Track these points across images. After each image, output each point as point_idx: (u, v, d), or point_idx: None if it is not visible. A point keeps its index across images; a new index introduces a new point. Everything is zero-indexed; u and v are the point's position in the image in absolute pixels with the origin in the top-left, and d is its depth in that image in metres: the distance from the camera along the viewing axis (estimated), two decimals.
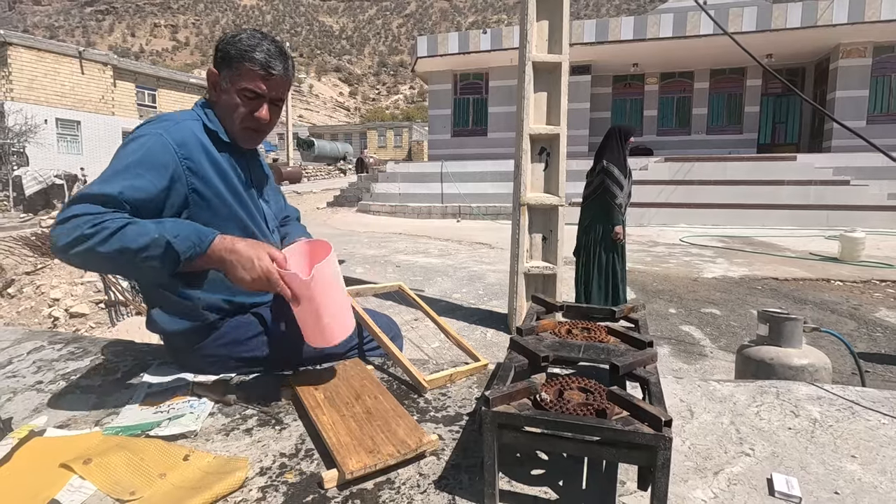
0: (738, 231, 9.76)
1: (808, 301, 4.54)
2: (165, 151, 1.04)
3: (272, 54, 1.12)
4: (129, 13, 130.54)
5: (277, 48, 1.14)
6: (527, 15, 3.39)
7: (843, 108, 12.91)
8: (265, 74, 1.12)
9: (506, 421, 0.73)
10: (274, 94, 1.15)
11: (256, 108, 1.14)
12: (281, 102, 1.18)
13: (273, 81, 1.13)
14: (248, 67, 1.11)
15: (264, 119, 1.15)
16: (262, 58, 1.11)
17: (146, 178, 1.00)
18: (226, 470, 0.81)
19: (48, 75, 22.43)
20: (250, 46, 1.11)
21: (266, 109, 1.15)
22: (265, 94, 1.13)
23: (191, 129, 1.11)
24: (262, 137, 1.20)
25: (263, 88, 1.13)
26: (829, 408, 1.06)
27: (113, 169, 1.00)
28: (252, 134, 1.17)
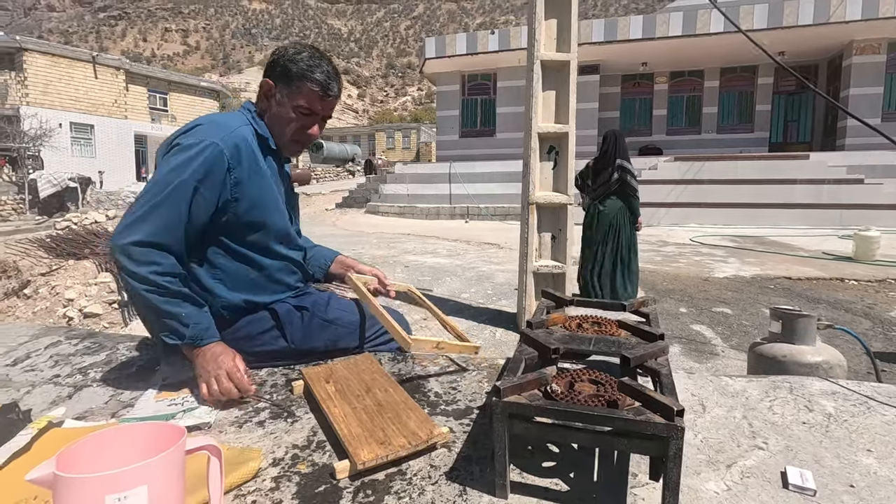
0: (750, 231, 9.66)
1: (821, 300, 4.48)
2: (220, 165, 1.10)
3: (330, 76, 1.20)
4: (141, 18, 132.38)
5: (334, 69, 1.21)
6: (535, 13, 3.39)
7: (858, 105, 12.74)
8: (323, 95, 1.19)
9: (516, 411, 0.73)
10: (326, 112, 1.23)
11: (309, 124, 1.22)
12: (328, 118, 1.26)
13: (328, 102, 1.21)
14: (308, 87, 1.17)
15: (315, 135, 1.25)
16: (322, 79, 1.18)
17: (206, 195, 1.09)
18: (240, 460, 0.82)
19: (62, 80, 22.80)
20: (311, 67, 1.17)
21: (317, 126, 1.24)
22: (319, 112, 1.21)
23: (244, 136, 1.15)
24: (304, 148, 1.28)
25: (319, 108, 1.21)
26: (844, 403, 1.05)
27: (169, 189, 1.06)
28: (299, 146, 1.25)
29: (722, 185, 11.19)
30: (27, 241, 9.37)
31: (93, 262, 7.08)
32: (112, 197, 19.57)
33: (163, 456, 0.54)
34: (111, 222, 12.99)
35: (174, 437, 0.59)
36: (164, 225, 1.05)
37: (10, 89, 21.38)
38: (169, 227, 1.05)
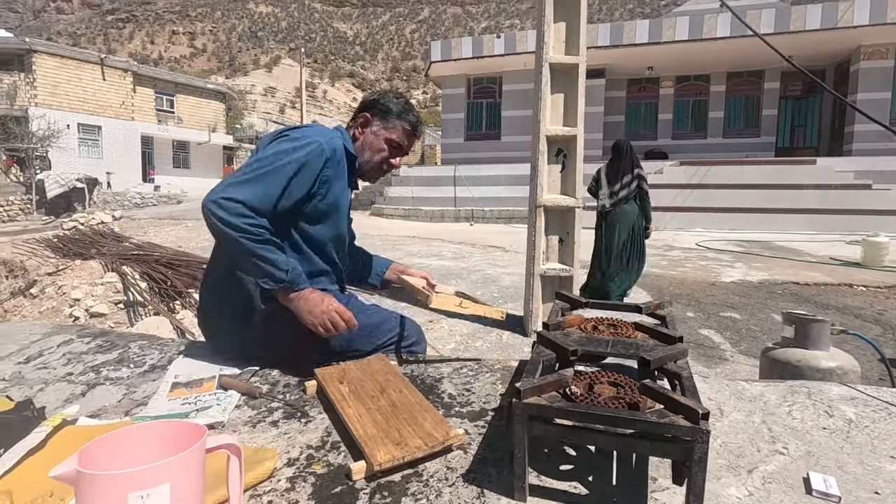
0: (757, 235, 9.61)
1: (830, 306, 4.44)
2: (318, 161, 1.25)
3: (418, 119, 1.47)
4: (149, 21, 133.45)
5: (417, 117, 1.47)
6: (544, 16, 3.39)
7: (865, 110, 12.63)
8: (412, 133, 1.44)
9: (537, 412, 0.72)
10: (409, 149, 1.48)
11: (395, 156, 1.45)
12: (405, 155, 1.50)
13: (413, 141, 1.47)
14: (403, 126, 1.42)
15: (397, 166, 1.49)
16: (414, 121, 1.45)
17: (300, 182, 1.22)
18: (255, 460, 0.81)
19: (71, 81, 22.99)
20: (406, 110, 1.43)
21: (398, 157, 1.46)
22: (405, 147, 1.45)
23: (339, 146, 1.34)
24: (381, 176, 1.51)
25: (406, 143, 1.45)
26: (865, 408, 1.03)
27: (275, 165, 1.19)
28: (379, 173, 1.47)
29: (728, 190, 11.14)
30: (34, 240, 9.44)
31: (99, 262, 7.12)
32: (118, 197, 19.69)
33: (185, 454, 0.53)
34: (118, 223, 13.05)
35: (195, 436, 0.58)
36: (262, 193, 1.16)
37: (19, 90, 21.57)
38: (265, 197, 1.17)
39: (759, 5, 13.79)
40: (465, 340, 3.58)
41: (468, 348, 3.48)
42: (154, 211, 17.12)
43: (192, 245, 8.70)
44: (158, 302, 5.36)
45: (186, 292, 5.30)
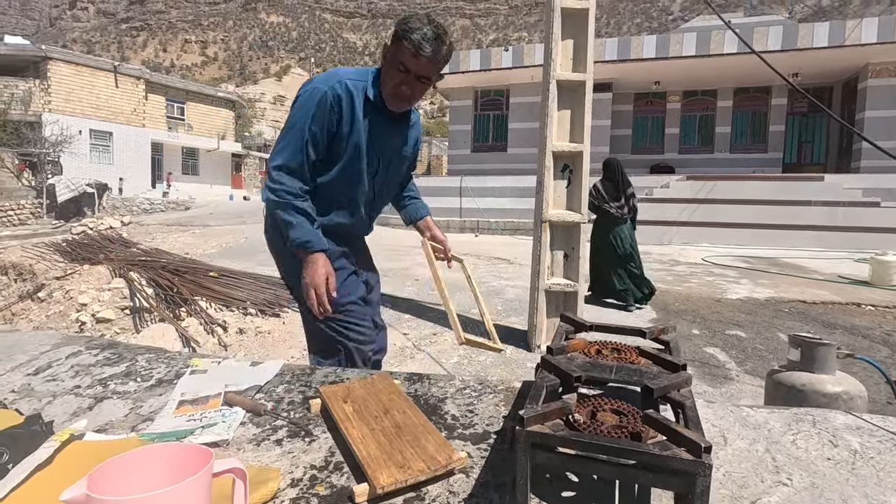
0: (763, 252, 9.55)
1: (837, 325, 4.40)
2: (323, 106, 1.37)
3: (425, 37, 1.32)
4: (162, 29, 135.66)
5: (434, 33, 1.33)
6: (552, 33, 3.43)
7: (873, 128, 12.64)
8: (415, 53, 1.32)
9: (540, 441, 0.72)
10: (420, 71, 1.35)
11: (403, 80, 1.36)
12: (428, 80, 1.39)
13: (421, 62, 1.33)
14: (405, 46, 1.32)
15: (408, 94, 1.39)
16: (416, 39, 1.31)
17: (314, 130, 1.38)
18: (259, 480, 0.82)
19: (84, 88, 23.35)
20: (411, 28, 1.32)
21: (409, 84, 1.37)
22: (412, 70, 1.34)
23: (349, 88, 1.38)
24: (406, 104, 1.43)
25: (412, 66, 1.34)
26: (870, 439, 1.03)
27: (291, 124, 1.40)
28: (397, 101, 1.41)
29: (735, 205, 11.10)
30: (43, 244, 9.54)
31: (107, 267, 7.18)
32: (127, 203, 19.89)
33: (193, 479, 0.54)
34: (126, 228, 13.17)
35: (202, 460, 0.59)
36: (291, 152, 1.38)
37: (33, 96, 21.93)
38: (294, 154, 1.38)
39: (767, 23, 13.86)
40: (468, 354, 3.57)
41: (472, 362, 3.47)
42: (162, 217, 17.27)
43: (199, 252, 8.76)
44: (164, 309, 5.39)
45: (192, 299, 5.33)
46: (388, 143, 1.50)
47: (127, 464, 0.59)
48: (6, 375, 1.29)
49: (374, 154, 1.48)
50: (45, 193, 17.58)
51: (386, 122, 1.46)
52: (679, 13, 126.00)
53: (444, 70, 1.44)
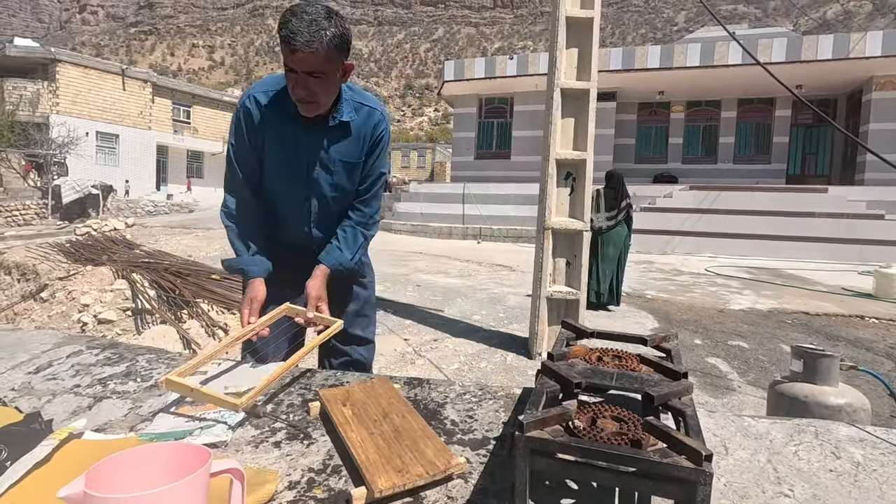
0: (766, 262, 9.53)
1: (841, 338, 4.38)
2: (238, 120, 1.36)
3: (294, 29, 1.16)
4: (170, 34, 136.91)
5: (307, 21, 1.16)
6: (556, 42, 3.45)
7: (878, 140, 12.64)
8: (290, 50, 1.18)
9: (539, 447, 0.72)
10: (302, 67, 1.20)
11: (295, 82, 1.23)
12: (321, 75, 1.22)
13: (298, 56, 1.18)
14: (282, 43, 1.20)
15: (300, 93, 1.24)
16: (286, 34, 1.17)
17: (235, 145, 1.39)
18: (256, 482, 0.82)
19: (92, 91, 23.56)
20: (281, 24, 1.19)
21: (302, 84, 1.22)
22: (296, 68, 1.20)
23: (257, 97, 1.34)
24: (313, 108, 1.29)
25: (293, 63, 1.20)
26: (873, 451, 1.02)
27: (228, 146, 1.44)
28: (300, 105, 1.28)
29: (738, 216, 11.10)
30: (47, 245, 9.58)
31: (110, 268, 7.20)
32: (132, 205, 19.99)
33: (190, 479, 0.54)
34: (130, 230, 13.23)
35: (200, 459, 0.59)
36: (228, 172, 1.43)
37: (41, 98, 22.13)
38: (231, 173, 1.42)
39: (771, 34, 13.92)
40: (469, 361, 3.56)
41: (472, 368, 3.46)
42: (166, 219, 17.35)
43: (202, 255, 8.79)
44: (166, 311, 5.40)
45: (194, 302, 5.34)
46: (311, 151, 1.39)
47: (124, 462, 0.59)
48: (7, 373, 1.29)
49: (298, 164, 1.40)
50: (50, 194, 17.69)
51: (305, 129, 1.35)
52: (684, 24, 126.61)
53: (344, 58, 1.26)
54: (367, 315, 1.72)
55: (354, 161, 1.43)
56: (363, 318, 1.69)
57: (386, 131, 1.47)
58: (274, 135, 1.36)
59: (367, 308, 1.71)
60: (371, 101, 1.44)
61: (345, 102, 1.37)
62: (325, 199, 1.46)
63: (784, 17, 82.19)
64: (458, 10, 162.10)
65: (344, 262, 1.46)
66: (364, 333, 1.70)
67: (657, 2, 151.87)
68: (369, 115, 1.42)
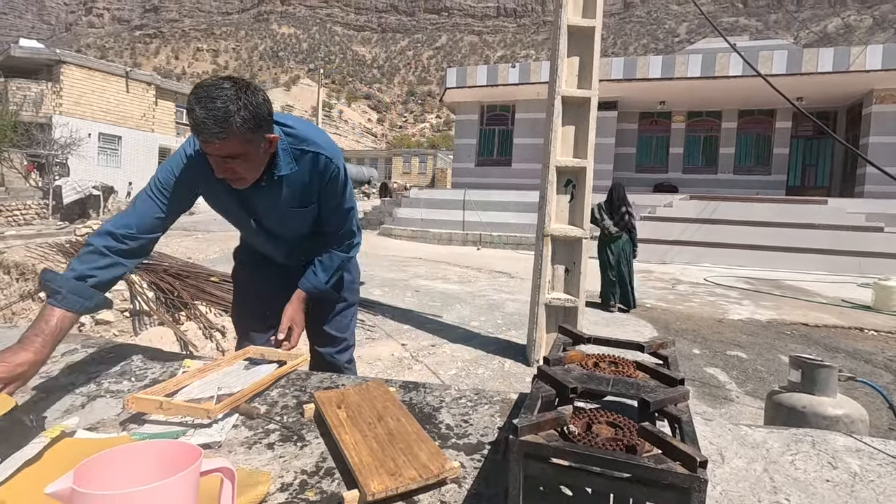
0: (765, 273, 9.52)
1: (840, 349, 4.37)
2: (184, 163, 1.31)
3: (199, 120, 1.08)
4: (175, 37, 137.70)
5: (212, 110, 1.07)
6: (558, 51, 3.47)
7: (878, 153, 12.68)
8: (201, 139, 1.12)
9: (533, 451, 0.71)
10: (219, 153, 1.14)
11: (216, 165, 1.17)
12: (239, 156, 1.15)
13: (210, 146, 1.12)
14: (192, 131, 1.14)
15: (223, 175, 1.19)
16: (192, 124, 1.09)
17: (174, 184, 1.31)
18: (248, 483, 0.81)
19: (95, 92, 23.66)
20: (188, 110, 1.10)
21: (220, 166, 1.17)
22: (211, 153, 1.14)
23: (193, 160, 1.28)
24: (243, 183, 1.24)
25: (207, 150, 1.14)
26: (870, 462, 1.01)
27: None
28: (230, 182, 1.23)
29: (738, 227, 11.10)
30: (47, 245, 9.57)
31: None
32: None
33: (180, 476, 0.54)
34: None
35: (191, 458, 0.58)
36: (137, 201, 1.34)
37: (45, 98, 22.22)
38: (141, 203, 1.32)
39: (772, 47, 14.00)
40: (466, 367, 3.55)
41: (469, 374, 3.45)
42: None
43: (201, 257, 8.79)
44: (164, 312, 5.39)
45: (192, 304, 5.33)
46: (257, 207, 1.38)
47: (114, 459, 0.59)
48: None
49: (247, 219, 1.42)
50: (51, 194, 17.71)
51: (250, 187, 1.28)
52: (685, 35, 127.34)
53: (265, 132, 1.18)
54: (346, 316, 1.72)
55: (306, 206, 1.40)
56: (340, 318, 1.70)
57: (337, 171, 1.36)
58: (220, 190, 1.31)
59: (346, 309, 1.72)
60: (314, 144, 1.32)
61: (282, 154, 1.28)
62: (288, 241, 1.51)
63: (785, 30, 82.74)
64: (461, 18, 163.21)
65: (318, 285, 1.51)
66: (338, 333, 1.69)
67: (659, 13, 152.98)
68: (313, 160, 1.32)
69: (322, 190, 1.38)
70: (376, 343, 4.01)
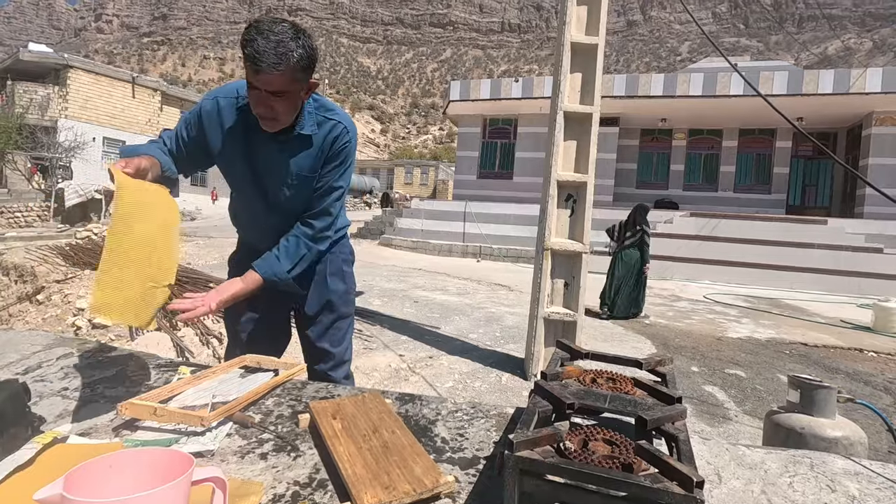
0: (765, 292, 9.51)
1: (839, 370, 4.35)
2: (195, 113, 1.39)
3: (259, 49, 1.14)
4: (182, 45, 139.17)
5: (273, 42, 1.14)
6: (561, 66, 3.50)
7: (877, 175, 12.74)
8: (255, 69, 1.16)
9: (528, 467, 0.71)
10: (265, 87, 1.18)
11: (258, 99, 1.22)
12: (284, 94, 1.21)
13: (262, 77, 1.17)
14: (245, 61, 1.18)
15: (262, 112, 1.23)
16: (250, 53, 1.15)
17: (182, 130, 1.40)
18: (240, 493, 0.80)
19: (102, 97, 23.85)
20: (245, 42, 1.16)
21: (263, 103, 1.21)
22: (260, 87, 1.19)
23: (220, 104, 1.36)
24: (274, 125, 1.28)
25: (257, 82, 1.18)
26: (869, 485, 1.00)
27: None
28: (262, 121, 1.27)
29: (738, 244, 11.12)
30: (47, 247, 9.57)
31: None
32: None
33: (171, 486, 0.53)
34: None
35: (183, 466, 0.58)
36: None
37: (51, 102, 22.38)
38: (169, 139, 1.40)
39: (773, 67, 14.15)
40: (463, 379, 3.53)
41: (466, 387, 3.42)
42: None
43: (201, 262, 8.78)
44: (161, 317, 5.37)
45: None
46: (267, 163, 1.38)
47: (105, 466, 0.58)
48: None
49: (254, 175, 1.40)
50: (53, 197, 17.74)
51: (264, 141, 1.34)
52: (687, 54, 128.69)
53: (309, 76, 1.25)
54: (340, 329, 1.65)
55: (313, 174, 1.40)
56: (334, 332, 1.63)
57: (348, 144, 1.40)
58: (231, 143, 1.35)
59: (340, 322, 1.64)
60: (337, 115, 1.40)
61: (307, 115, 1.34)
62: (284, 213, 1.43)
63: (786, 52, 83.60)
64: (465, 32, 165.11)
65: (279, 273, 1.37)
66: (332, 348, 1.62)
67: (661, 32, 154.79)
68: (332, 128, 1.38)
69: (327, 158, 1.39)
70: (374, 353, 3.99)
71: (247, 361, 1.35)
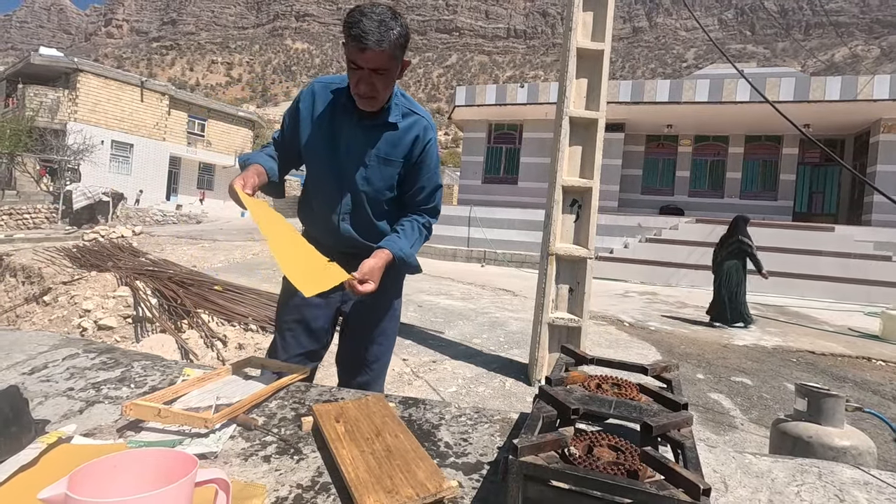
0: (771, 299, 9.43)
1: (847, 379, 4.30)
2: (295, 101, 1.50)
3: (365, 29, 1.23)
4: (191, 50, 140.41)
5: (376, 21, 1.24)
6: (567, 72, 3.51)
7: (885, 182, 12.64)
8: (358, 48, 1.25)
9: (533, 472, 0.70)
10: (369, 65, 1.27)
11: (359, 78, 1.30)
12: (385, 72, 1.29)
13: (366, 54, 1.25)
14: (350, 43, 1.26)
15: (364, 90, 1.31)
16: (356, 33, 1.24)
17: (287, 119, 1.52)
18: (243, 496, 0.80)
19: (111, 100, 24.09)
20: (350, 23, 1.26)
21: (365, 81, 1.30)
22: (362, 65, 1.27)
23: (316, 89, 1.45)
24: (373, 103, 1.36)
25: (360, 61, 1.27)
26: (878, 496, 0.99)
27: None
28: (360, 100, 1.35)
29: None
30: (54, 249, 9.65)
31: (114, 275, 7.23)
32: (141, 213, 20.18)
33: (174, 486, 0.53)
34: (137, 238, 13.33)
35: (186, 467, 0.58)
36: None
37: (61, 105, 22.63)
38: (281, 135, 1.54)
39: (779, 74, 14.10)
40: (467, 384, 3.52)
41: (470, 392, 3.41)
42: (174, 229, 17.47)
43: (207, 265, 8.82)
44: (166, 320, 5.39)
45: (195, 312, 5.33)
46: (349, 140, 1.43)
47: (109, 467, 0.58)
48: (1, 373, 1.28)
49: (333, 151, 1.44)
50: (61, 199, 17.91)
51: (349, 121, 1.41)
52: (693, 61, 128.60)
53: (405, 56, 1.35)
54: (382, 344, 1.64)
55: (392, 158, 1.45)
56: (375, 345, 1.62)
57: (433, 140, 1.51)
58: (318, 128, 1.44)
59: (381, 337, 1.63)
60: (420, 111, 1.50)
61: (395, 107, 1.43)
62: (358, 194, 1.46)
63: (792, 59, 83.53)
64: (471, 38, 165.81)
65: (405, 249, 1.44)
66: (368, 356, 1.61)
67: (667, 38, 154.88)
68: (416, 122, 1.47)
69: (419, 156, 1.48)
70: None
71: (251, 363, 1.36)
